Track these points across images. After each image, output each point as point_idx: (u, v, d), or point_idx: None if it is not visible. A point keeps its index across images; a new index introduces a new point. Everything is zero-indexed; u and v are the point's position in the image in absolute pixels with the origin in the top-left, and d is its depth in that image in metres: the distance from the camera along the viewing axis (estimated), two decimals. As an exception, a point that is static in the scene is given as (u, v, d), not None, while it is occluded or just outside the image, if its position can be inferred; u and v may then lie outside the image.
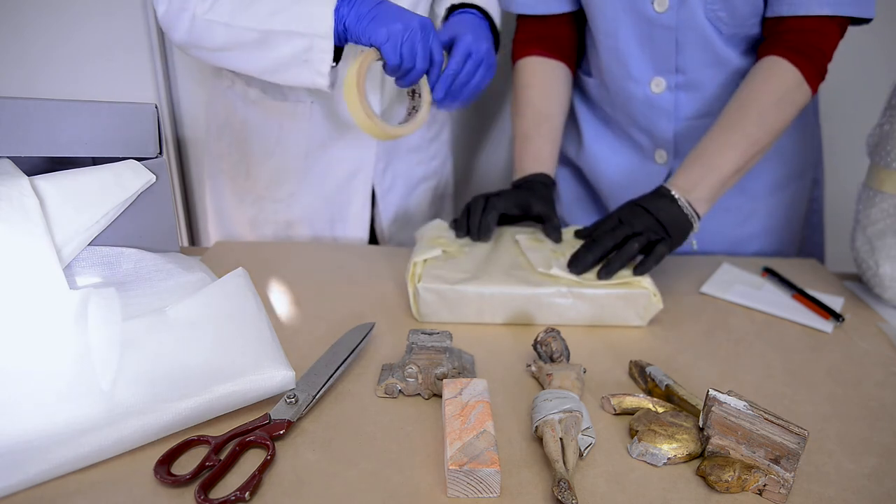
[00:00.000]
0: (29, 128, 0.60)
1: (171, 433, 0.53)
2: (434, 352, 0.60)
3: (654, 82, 0.89)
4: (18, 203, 0.55)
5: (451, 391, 0.56)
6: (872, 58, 1.21)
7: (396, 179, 1.03)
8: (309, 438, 0.54)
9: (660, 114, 0.91)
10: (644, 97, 0.91)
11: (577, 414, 0.53)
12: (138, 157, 0.65)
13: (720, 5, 0.81)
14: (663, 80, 0.89)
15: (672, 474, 0.51)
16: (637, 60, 0.89)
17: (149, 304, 0.61)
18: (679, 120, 0.92)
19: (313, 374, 0.59)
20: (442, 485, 0.49)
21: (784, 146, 0.94)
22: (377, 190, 1.02)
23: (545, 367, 0.62)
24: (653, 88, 0.90)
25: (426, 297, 0.72)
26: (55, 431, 0.50)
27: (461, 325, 0.73)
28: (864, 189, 0.83)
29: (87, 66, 1.24)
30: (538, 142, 0.92)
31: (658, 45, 0.86)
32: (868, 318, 0.79)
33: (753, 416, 0.49)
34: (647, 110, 0.92)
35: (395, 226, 1.06)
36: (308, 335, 0.69)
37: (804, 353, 0.71)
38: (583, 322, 0.74)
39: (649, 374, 0.62)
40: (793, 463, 0.49)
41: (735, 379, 0.65)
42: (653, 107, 0.91)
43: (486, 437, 0.49)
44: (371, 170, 0.99)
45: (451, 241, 0.82)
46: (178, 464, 0.50)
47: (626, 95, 0.92)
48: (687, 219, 0.77)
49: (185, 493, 0.47)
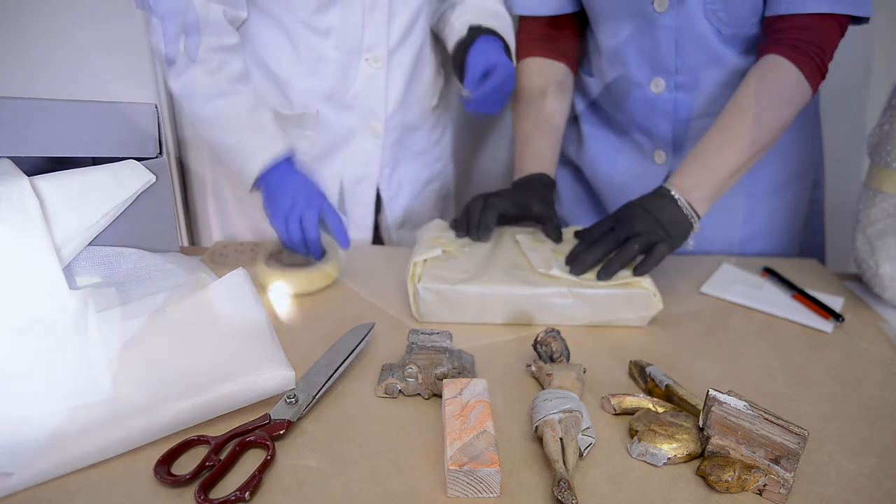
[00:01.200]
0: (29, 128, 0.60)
1: (172, 433, 0.53)
2: (434, 352, 0.60)
3: (654, 82, 0.90)
4: (18, 203, 0.55)
5: (451, 391, 0.56)
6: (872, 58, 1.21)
7: (403, 185, 1.04)
8: (309, 438, 0.54)
9: (659, 114, 0.92)
10: (644, 97, 0.91)
11: (577, 414, 0.53)
12: (138, 157, 0.65)
13: (720, 5, 0.81)
14: (662, 80, 0.89)
15: (672, 474, 0.51)
16: (637, 61, 0.89)
17: (149, 305, 0.61)
18: (678, 120, 0.92)
19: (313, 374, 0.59)
20: (442, 485, 0.49)
21: (785, 147, 0.94)
22: (384, 195, 1.02)
23: (545, 367, 0.62)
24: (652, 89, 0.90)
25: (426, 297, 0.72)
26: (55, 432, 0.50)
27: (461, 325, 0.73)
28: (864, 189, 0.83)
29: (87, 66, 1.24)
30: (538, 142, 0.93)
31: (658, 45, 0.86)
32: (868, 318, 0.79)
33: (753, 416, 0.49)
34: (646, 110, 0.92)
35: (402, 230, 1.07)
36: (308, 335, 0.69)
37: (804, 353, 0.71)
38: (583, 322, 0.74)
39: (649, 374, 0.62)
40: (793, 463, 0.49)
41: (735, 379, 0.65)
42: (652, 107, 0.91)
43: (486, 437, 0.49)
44: (376, 177, 0.99)
45: (450, 241, 0.82)
46: (178, 464, 0.50)
47: (626, 95, 0.92)
48: (687, 219, 0.77)
49: (185, 493, 0.47)
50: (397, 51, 0.91)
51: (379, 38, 0.88)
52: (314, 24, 0.85)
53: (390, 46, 0.89)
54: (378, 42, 0.88)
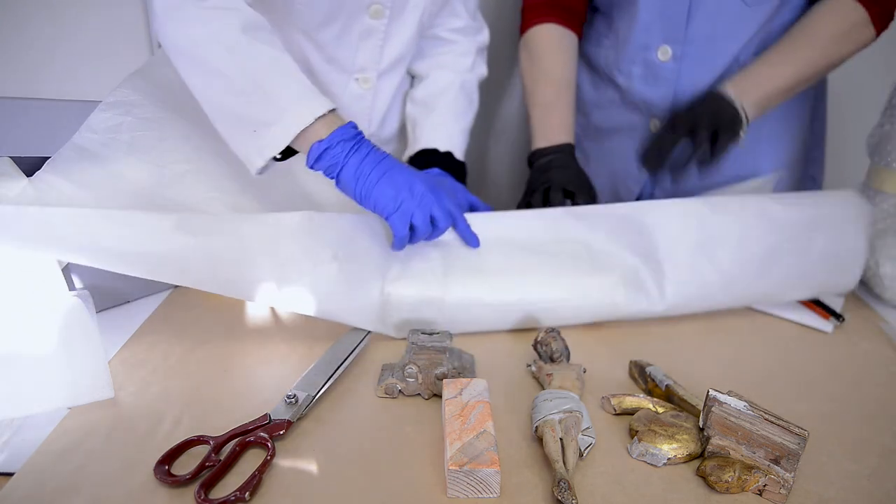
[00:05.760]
0: (29, 128, 0.60)
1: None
2: (434, 352, 0.60)
3: (661, 50, 0.89)
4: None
5: (451, 391, 0.56)
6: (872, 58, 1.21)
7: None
8: (309, 438, 0.54)
9: (661, 82, 0.91)
10: (649, 63, 0.91)
11: (577, 414, 0.53)
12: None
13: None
14: (670, 48, 0.89)
15: (672, 474, 0.51)
16: (647, 25, 0.89)
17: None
18: (679, 91, 0.92)
19: (313, 374, 0.59)
20: (442, 485, 0.49)
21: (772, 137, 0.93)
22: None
23: (545, 367, 0.62)
24: (659, 56, 0.90)
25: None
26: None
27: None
28: (864, 189, 0.83)
29: (87, 66, 1.24)
30: (562, 110, 0.92)
31: (671, 10, 0.86)
32: (868, 318, 0.79)
33: (753, 416, 0.49)
34: (649, 77, 0.92)
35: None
36: (308, 335, 0.69)
37: (804, 353, 0.71)
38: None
39: (649, 374, 0.62)
40: (793, 463, 0.49)
41: (735, 379, 0.65)
42: (656, 74, 0.91)
43: (486, 438, 0.49)
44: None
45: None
46: (178, 464, 0.50)
47: (631, 60, 0.92)
48: (739, 118, 0.79)
49: (185, 492, 0.47)
50: (387, 73, 0.91)
51: (371, 62, 0.88)
52: (312, 34, 0.84)
53: (381, 69, 0.90)
54: (369, 65, 0.88)
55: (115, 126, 0.66)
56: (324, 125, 0.64)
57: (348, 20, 0.82)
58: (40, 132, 0.61)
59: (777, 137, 0.94)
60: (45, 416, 0.54)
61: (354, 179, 0.65)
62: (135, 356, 0.65)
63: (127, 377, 0.61)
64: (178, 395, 0.59)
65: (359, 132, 0.67)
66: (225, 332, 0.70)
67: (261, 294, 0.63)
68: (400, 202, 0.66)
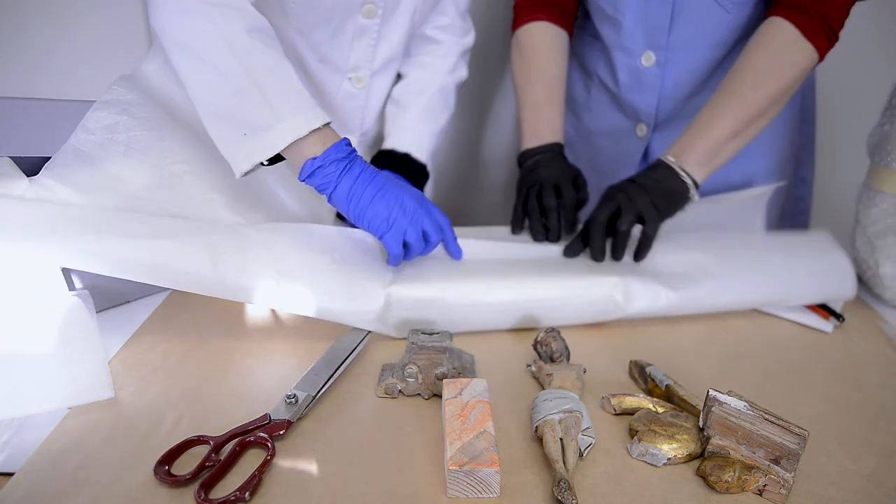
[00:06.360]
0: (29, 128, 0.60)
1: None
2: (434, 352, 0.60)
3: (645, 56, 0.90)
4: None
5: (451, 391, 0.56)
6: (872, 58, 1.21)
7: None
8: (309, 438, 0.54)
9: (645, 88, 0.92)
10: (633, 69, 0.91)
11: (577, 414, 0.53)
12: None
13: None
14: (653, 54, 0.89)
15: (672, 474, 0.51)
16: (631, 32, 0.89)
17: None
18: (664, 97, 0.92)
19: (313, 374, 0.59)
20: (442, 485, 0.49)
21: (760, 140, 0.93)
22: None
23: (545, 367, 0.62)
24: (643, 62, 0.90)
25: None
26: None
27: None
28: (864, 189, 0.83)
29: (86, 66, 1.24)
30: (551, 110, 0.92)
31: (654, 17, 0.86)
32: (868, 318, 0.79)
33: (753, 416, 0.49)
34: (634, 82, 0.93)
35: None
36: (308, 335, 0.69)
37: (804, 353, 0.71)
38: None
39: (649, 374, 0.62)
40: (793, 463, 0.49)
41: (735, 379, 0.65)
42: (640, 80, 0.92)
43: (486, 438, 0.49)
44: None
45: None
46: (178, 464, 0.50)
47: (617, 66, 0.93)
48: (683, 184, 0.77)
49: (185, 492, 0.47)
50: (380, 73, 0.91)
51: (364, 61, 0.88)
52: (306, 34, 0.84)
53: (374, 69, 0.90)
54: (363, 64, 0.88)
55: (112, 126, 0.65)
56: (317, 138, 0.64)
57: (342, 20, 0.82)
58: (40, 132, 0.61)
59: (766, 140, 0.93)
60: (45, 416, 0.54)
61: (347, 200, 0.65)
62: (135, 356, 0.65)
63: (127, 377, 0.61)
64: (178, 395, 0.59)
65: (352, 150, 0.66)
66: (225, 333, 0.70)
67: (260, 297, 0.63)
68: (392, 221, 0.66)
